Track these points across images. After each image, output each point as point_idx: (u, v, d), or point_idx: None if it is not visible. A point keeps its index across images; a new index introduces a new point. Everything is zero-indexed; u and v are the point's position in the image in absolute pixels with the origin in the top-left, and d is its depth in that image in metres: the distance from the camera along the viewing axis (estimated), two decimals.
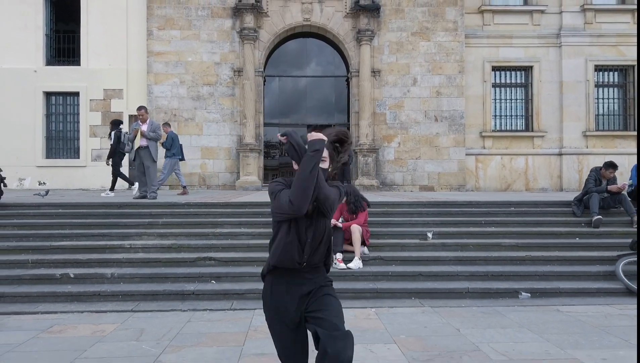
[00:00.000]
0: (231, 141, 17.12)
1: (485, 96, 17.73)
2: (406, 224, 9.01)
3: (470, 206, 9.84)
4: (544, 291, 7.14)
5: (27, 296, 6.76)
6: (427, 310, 6.50)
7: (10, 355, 4.86)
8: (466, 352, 4.87)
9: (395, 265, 7.73)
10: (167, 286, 7.02)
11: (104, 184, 15.97)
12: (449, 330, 5.63)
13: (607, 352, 4.82)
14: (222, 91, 17.22)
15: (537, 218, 9.35)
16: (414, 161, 17.21)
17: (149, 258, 7.67)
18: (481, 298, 7.01)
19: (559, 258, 7.96)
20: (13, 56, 16.94)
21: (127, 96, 17.15)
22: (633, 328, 5.63)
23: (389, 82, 17.46)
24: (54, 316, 6.26)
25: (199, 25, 17.28)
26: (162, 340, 5.26)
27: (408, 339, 5.28)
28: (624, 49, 17.70)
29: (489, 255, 7.97)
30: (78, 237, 8.25)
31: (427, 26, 17.56)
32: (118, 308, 6.52)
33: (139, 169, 10.74)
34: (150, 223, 8.70)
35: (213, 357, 4.76)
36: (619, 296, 7.14)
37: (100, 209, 9.29)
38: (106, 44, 17.15)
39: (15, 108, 16.66)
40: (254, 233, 8.47)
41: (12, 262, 7.51)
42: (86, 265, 7.49)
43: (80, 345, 5.12)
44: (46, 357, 4.79)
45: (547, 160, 17.66)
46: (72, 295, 6.79)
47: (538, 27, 17.91)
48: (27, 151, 16.68)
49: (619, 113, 18.27)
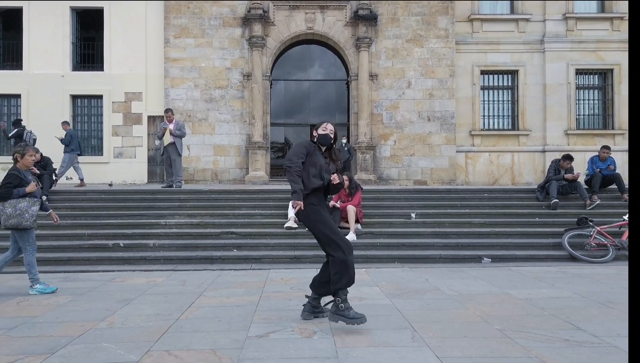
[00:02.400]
0: (241, 140, 18.77)
1: (474, 98, 19.27)
2: (394, 207, 10.74)
3: (449, 193, 11.57)
4: (502, 257, 8.87)
5: (88, 259, 8.54)
6: (406, 269, 8.23)
7: (92, 293, 6.59)
8: (429, 290, 6.58)
9: (383, 238, 9.47)
10: (199, 253, 8.78)
11: (126, 179, 17.73)
12: (419, 280, 7.35)
13: (533, 291, 6.50)
14: (232, 93, 18.89)
15: (505, 202, 11.08)
16: (408, 158, 18.83)
17: (182, 232, 9.44)
18: (451, 262, 8.75)
19: (519, 232, 9.68)
20: (43, 62, 18.68)
21: (146, 98, 18.84)
22: (562, 279, 7.32)
23: (385, 85, 19.08)
24: (113, 273, 8.03)
25: (211, 34, 18.96)
26: (201, 286, 6.99)
27: (387, 284, 7.00)
28: (603, 54, 19.26)
29: (461, 230, 9.70)
30: (122, 216, 10.03)
31: (421, 34, 19.17)
32: (162, 268, 8.29)
33: (167, 162, 12.48)
34: (179, 206, 10.47)
35: (243, 292, 6.49)
36: (563, 261, 8.88)
37: (137, 195, 11.07)
38: (127, 51, 18.83)
39: (46, 110, 18.35)
40: (267, 213, 10.21)
41: (71, 235, 9.31)
42: (131, 237, 9.26)
43: (142, 288, 6.86)
44: (119, 293, 6.52)
45: (531, 157, 19.22)
46: (124, 259, 8.56)
47: (523, 34, 19.45)
48: (55, 149, 18.28)
49: (599, 113, 19.78)
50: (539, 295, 6.22)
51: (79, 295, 6.36)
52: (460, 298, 6.00)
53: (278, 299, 5.97)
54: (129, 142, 18.68)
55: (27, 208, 6.38)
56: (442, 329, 4.65)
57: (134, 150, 18.66)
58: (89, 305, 5.82)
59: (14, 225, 6.38)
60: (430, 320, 4.96)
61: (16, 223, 6.36)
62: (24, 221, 6.37)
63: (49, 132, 18.03)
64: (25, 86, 18.52)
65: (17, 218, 6.34)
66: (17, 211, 6.34)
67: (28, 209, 6.39)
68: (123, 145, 18.74)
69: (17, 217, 6.34)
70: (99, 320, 5.07)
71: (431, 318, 5.04)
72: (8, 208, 6.34)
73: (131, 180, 18.18)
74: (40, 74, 18.61)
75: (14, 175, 6.47)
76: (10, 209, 6.33)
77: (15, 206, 6.34)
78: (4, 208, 6.36)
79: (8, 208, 6.34)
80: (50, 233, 9.49)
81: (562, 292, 6.36)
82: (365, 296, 6.18)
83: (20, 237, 6.50)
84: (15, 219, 6.34)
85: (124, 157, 18.36)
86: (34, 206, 6.48)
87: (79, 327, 4.81)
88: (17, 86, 18.53)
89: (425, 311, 5.37)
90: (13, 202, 6.36)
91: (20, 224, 6.37)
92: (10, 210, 6.33)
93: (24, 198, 6.45)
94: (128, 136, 18.59)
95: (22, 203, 6.39)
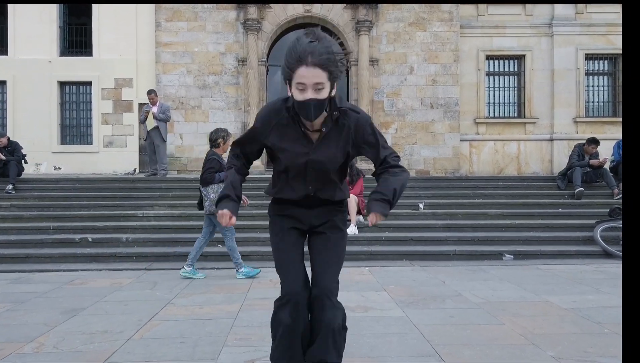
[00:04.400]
0: (236, 128, 17.63)
1: (479, 84, 18.22)
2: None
3: (460, 181, 10.47)
4: (526, 253, 7.73)
5: (50, 256, 7.39)
6: (416, 269, 7.09)
7: (38, 299, 5.45)
8: (448, 296, 5.43)
9: (389, 231, 8.33)
10: (178, 249, 7.64)
11: (116, 169, 16.62)
12: (434, 282, 6.21)
13: (577, 297, 5.37)
14: (227, 80, 17.77)
15: (522, 191, 9.96)
16: (410, 147, 17.74)
17: (161, 225, 8.31)
18: (468, 259, 7.60)
19: (542, 225, 8.55)
20: (30, 47, 17.58)
21: (136, 85, 17.73)
22: (605, 280, 6.19)
23: (386, 71, 17.97)
24: (75, 273, 6.88)
25: (204, 17, 17.83)
26: (173, 290, 5.85)
27: (397, 288, 5.86)
28: (613, 38, 18.14)
29: (476, 222, 8.56)
30: (95, 207, 8.89)
31: (424, 17, 18.06)
32: (133, 267, 7.14)
33: (150, 148, 11.35)
34: (160, 196, 9.33)
35: (221, 299, 5.35)
36: (596, 257, 7.74)
37: (114, 183, 9.95)
38: (117, 36, 17.72)
39: (32, 97, 17.30)
40: (257, 204, 9.04)
41: (35, 228, 8.16)
42: (103, 231, 8.11)
43: (101, 293, 5.71)
44: (70, 300, 5.36)
45: (538, 145, 18.17)
46: (91, 256, 7.42)
47: (530, 17, 18.37)
48: (43, 138, 17.24)
49: (608, 100, 18.74)
50: (586, 302, 5.06)
51: (19, 303, 5.19)
52: (490, 308, 4.83)
53: (263, 309, 4.77)
54: (120, 130, 17.58)
55: None
56: (477, 356, 3.49)
57: (125, 139, 17.52)
58: (26, 317, 4.66)
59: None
60: (458, 342, 3.80)
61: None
62: None
63: (35, 120, 17.03)
64: (10, 72, 17.35)
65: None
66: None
67: None
68: (113, 133, 17.65)
69: None
70: (28, 341, 3.91)
71: (459, 339, 3.88)
72: (211, 193, 6.45)
73: (122, 170, 17.11)
74: (26, 60, 17.52)
75: (215, 160, 6.54)
76: (214, 194, 6.38)
77: (217, 191, 6.39)
78: (208, 193, 6.50)
79: (211, 193, 6.45)
80: (12, 226, 8.38)
81: (612, 299, 5.19)
82: (372, 304, 5.03)
83: (211, 224, 6.67)
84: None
85: (114, 146, 17.29)
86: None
87: None
88: (2, 72, 17.38)
89: (449, 327, 4.21)
90: (215, 187, 6.51)
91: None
92: (213, 195, 6.37)
93: (224, 183, 5.90)
94: (118, 124, 17.56)
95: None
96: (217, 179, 6.52)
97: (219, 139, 6.55)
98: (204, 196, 6.55)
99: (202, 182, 6.57)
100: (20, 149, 10.38)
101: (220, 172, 6.48)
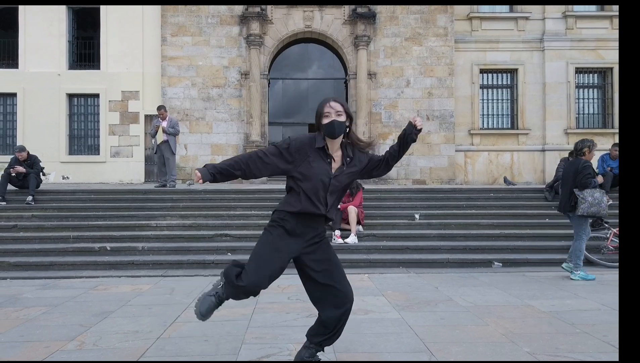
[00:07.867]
0: (238, 139, 18.25)
1: (473, 97, 18.86)
2: (396, 207, 10.18)
3: (453, 193, 11.03)
4: (514, 261, 8.30)
5: (72, 264, 7.94)
6: (412, 275, 7.66)
7: (69, 303, 6.00)
8: (441, 301, 6.01)
9: (386, 240, 8.90)
10: (190, 257, 8.19)
11: (122, 179, 17.21)
12: (429, 287, 6.78)
13: (556, 301, 5.94)
14: (230, 92, 18.36)
15: (512, 202, 10.53)
16: (407, 157, 18.28)
17: (173, 234, 8.86)
18: (459, 267, 8.18)
19: (529, 235, 9.13)
20: (39, 60, 18.19)
21: (143, 97, 18.36)
22: (583, 286, 6.77)
23: (384, 84, 18.57)
24: (97, 280, 7.42)
25: (209, 32, 18.44)
26: (191, 295, 6.40)
27: (394, 293, 6.43)
28: (603, 53, 18.84)
29: (468, 232, 9.14)
30: (111, 218, 9.44)
31: (420, 32, 18.68)
32: (150, 273, 7.69)
33: (160, 161, 11.92)
34: (172, 206, 9.89)
35: (235, 303, 5.86)
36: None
37: (128, 195, 10.49)
38: (124, 50, 18.33)
39: (41, 109, 17.92)
40: (264, 214, 9.62)
41: (56, 238, 8.71)
42: (120, 240, 8.67)
43: (125, 297, 6.27)
44: (98, 304, 5.92)
45: (531, 156, 18.82)
46: (110, 263, 7.97)
47: (523, 33, 19.03)
48: (52, 148, 17.80)
49: (598, 112, 19.41)
50: (564, 306, 5.64)
51: (53, 307, 5.76)
52: (478, 311, 5.42)
53: (274, 311, 5.39)
54: (126, 141, 18.23)
55: (601, 198, 7.02)
56: (464, 352, 4.07)
57: (131, 149, 18.18)
58: (62, 319, 5.22)
59: (593, 213, 7.04)
60: (447, 340, 4.38)
61: (595, 212, 7.00)
62: (602, 210, 7.01)
63: (44, 130, 17.59)
64: (21, 85, 18.04)
65: (596, 206, 6.96)
66: (595, 200, 6.96)
67: (602, 199, 7.02)
68: (120, 144, 18.28)
69: (596, 206, 6.96)
70: (69, 339, 4.47)
71: (448, 338, 4.46)
72: (588, 197, 6.99)
73: (128, 180, 17.73)
74: (36, 73, 18.13)
75: (590, 166, 7.15)
76: (590, 198, 6.97)
77: (592, 195, 6.99)
78: (585, 197, 7.01)
79: (588, 197, 6.99)
80: (34, 235, 8.93)
81: (588, 303, 5.79)
82: (371, 307, 5.61)
83: (579, 225, 7.20)
84: (595, 208, 6.96)
85: (120, 156, 17.92)
86: (604, 196, 7.10)
87: (44, 349, 4.21)
88: (12, 85, 18.05)
89: (440, 328, 4.79)
90: (590, 191, 7.02)
91: (598, 213, 7.05)
92: (590, 199, 6.96)
93: (596, 188, 7.16)
94: (125, 135, 18.17)
95: (597, 193, 7.05)
96: (593, 184, 7.09)
97: (585, 148, 7.23)
98: (580, 199, 7.02)
99: (581, 186, 7.07)
100: (39, 163, 10.93)
101: (594, 178, 7.20)
